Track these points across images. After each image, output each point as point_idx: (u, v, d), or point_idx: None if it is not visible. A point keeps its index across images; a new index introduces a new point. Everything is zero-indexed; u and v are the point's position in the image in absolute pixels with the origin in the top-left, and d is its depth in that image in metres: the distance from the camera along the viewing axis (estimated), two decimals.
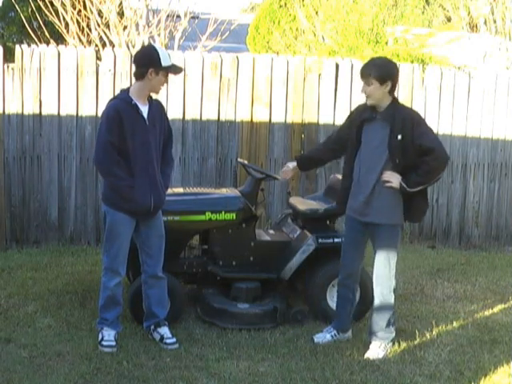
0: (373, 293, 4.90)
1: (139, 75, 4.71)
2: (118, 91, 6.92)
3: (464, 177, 8.44)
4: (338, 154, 5.30)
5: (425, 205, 4.86)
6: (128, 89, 4.82)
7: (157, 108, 4.86)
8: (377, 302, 4.85)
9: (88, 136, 7.31)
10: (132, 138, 4.66)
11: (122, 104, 4.71)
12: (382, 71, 4.66)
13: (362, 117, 4.83)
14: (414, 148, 4.63)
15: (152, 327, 4.97)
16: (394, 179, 4.66)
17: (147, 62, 4.68)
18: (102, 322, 4.86)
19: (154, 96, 4.88)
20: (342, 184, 5.05)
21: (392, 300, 4.86)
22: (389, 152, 4.66)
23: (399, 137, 4.60)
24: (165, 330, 4.93)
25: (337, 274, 5.29)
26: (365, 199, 4.76)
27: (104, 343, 4.76)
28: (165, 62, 4.66)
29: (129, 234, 4.80)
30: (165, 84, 4.82)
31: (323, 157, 5.30)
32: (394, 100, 4.75)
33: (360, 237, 4.92)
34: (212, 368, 4.55)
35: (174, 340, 4.89)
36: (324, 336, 5.06)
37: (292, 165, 5.32)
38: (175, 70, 4.80)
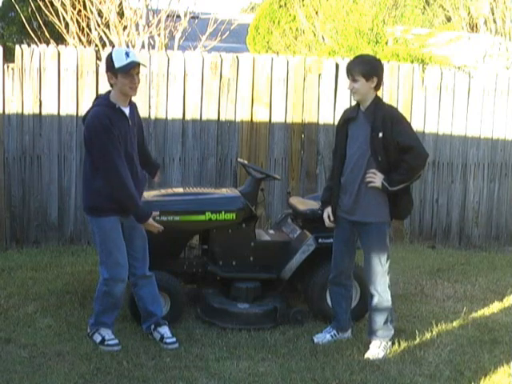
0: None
1: (108, 82, 4.70)
2: None
3: (464, 177, 8.44)
4: None
5: (409, 203, 4.87)
6: (107, 94, 4.73)
7: (134, 108, 4.85)
8: (374, 300, 4.85)
9: None
10: (120, 140, 4.61)
11: (109, 110, 4.60)
12: (367, 67, 4.71)
13: (346, 116, 4.90)
14: (394, 145, 4.66)
15: (152, 327, 4.96)
16: (376, 179, 4.68)
17: (106, 68, 4.68)
18: (98, 325, 4.84)
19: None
20: (329, 183, 5.09)
21: (389, 296, 4.86)
22: (371, 149, 4.68)
23: (380, 134, 4.63)
24: (165, 330, 4.93)
25: None
26: (351, 198, 4.79)
27: (110, 342, 4.75)
28: (118, 63, 4.54)
29: (121, 237, 4.74)
30: (133, 84, 4.62)
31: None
32: (377, 98, 4.79)
33: (349, 235, 4.94)
34: (212, 368, 4.55)
35: (174, 340, 4.89)
36: (324, 336, 5.07)
37: (327, 212, 5.05)
38: (130, 67, 4.56)
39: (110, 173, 4.55)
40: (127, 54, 4.58)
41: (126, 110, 4.71)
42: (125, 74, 4.56)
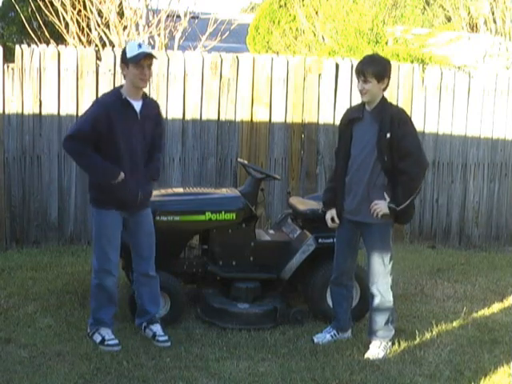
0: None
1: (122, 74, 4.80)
2: None
3: (464, 177, 8.44)
4: None
5: (411, 209, 4.80)
6: (121, 86, 4.83)
7: (151, 106, 4.88)
8: (375, 300, 4.84)
9: None
10: (122, 132, 4.65)
11: (111, 99, 4.72)
12: (379, 69, 4.68)
13: (350, 116, 4.86)
14: (398, 146, 4.62)
15: (144, 324, 4.97)
16: (380, 206, 4.65)
17: (120, 60, 4.75)
18: (97, 323, 4.84)
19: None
20: (330, 185, 5.05)
21: (390, 297, 4.85)
22: (377, 150, 4.65)
23: (388, 135, 4.60)
24: (157, 328, 4.93)
25: None
26: (356, 198, 4.78)
27: (110, 342, 4.75)
28: (130, 54, 4.63)
29: (117, 233, 4.78)
30: (144, 75, 4.67)
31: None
32: (383, 99, 4.76)
33: (352, 236, 4.93)
34: (212, 368, 4.55)
35: (166, 338, 4.88)
36: (324, 336, 5.06)
37: (331, 214, 5.01)
38: (140, 57, 4.62)
39: (66, 145, 4.75)
40: (140, 46, 4.68)
41: (136, 104, 4.72)
42: (135, 64, 4.62)
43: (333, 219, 4.96)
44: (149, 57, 4.68)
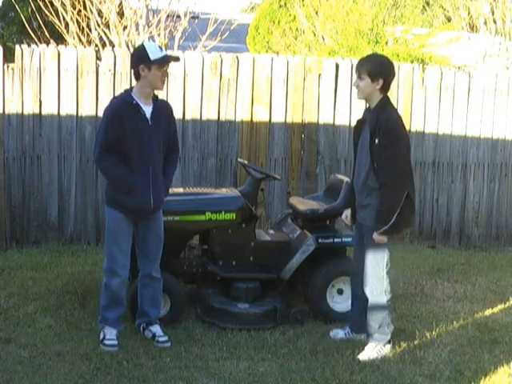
0: None
1: (135, 75, 4.75)
2: (117, 91, 6.99)
3: (464, 177, 8.44)
4: None
5: (410, 214, 4.71)
6: (131, 89, 4.82)
7: (162, 108, 4.84)
8: (368, 303, 4.81)
9: (88, 136, 7.30)
10: (133, 137, 4.65)
11: (122, 104, 4.72)
12: (375, 68, 4.62)
13: (362, 116, 4.86)
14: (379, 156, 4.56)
15: (143, 325, 4.98)
16: (377, 239, 4.59)
17: (137, 60, 4.72)
18: (103, 321, 4.86)
19: (161, 96, 4.94)
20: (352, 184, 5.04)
21: (383, 301, 4.78)
22: (369, 154, 4.61)
23: (376, 141, 4.54)
24: (156, 329, 4.94)
25: (336, 274, 5.38)
26: (358, 199, 4.79)
27: (106, 342, 4.76)
28: (154, 56, 4.63)
29: (127, 235, 4.79)
30: (164, 78, 4.73)
31: None
32: (384, 101, 4.67)
33: (362, 236, 4.92)
34: (212, 368, 4.55)
35: (166, 338, 4.88)
36: (337, 332, 5.08)
37: (346, 213, 5.05)
38: (167, 60, 4.72)
39: (95, 158, 4.80)
40: (161, 49, 4.73)
41: (146, 108, 4.71)
42: (159, 66, 4.64)
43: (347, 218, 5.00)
44: (174, 60, 4.79)
